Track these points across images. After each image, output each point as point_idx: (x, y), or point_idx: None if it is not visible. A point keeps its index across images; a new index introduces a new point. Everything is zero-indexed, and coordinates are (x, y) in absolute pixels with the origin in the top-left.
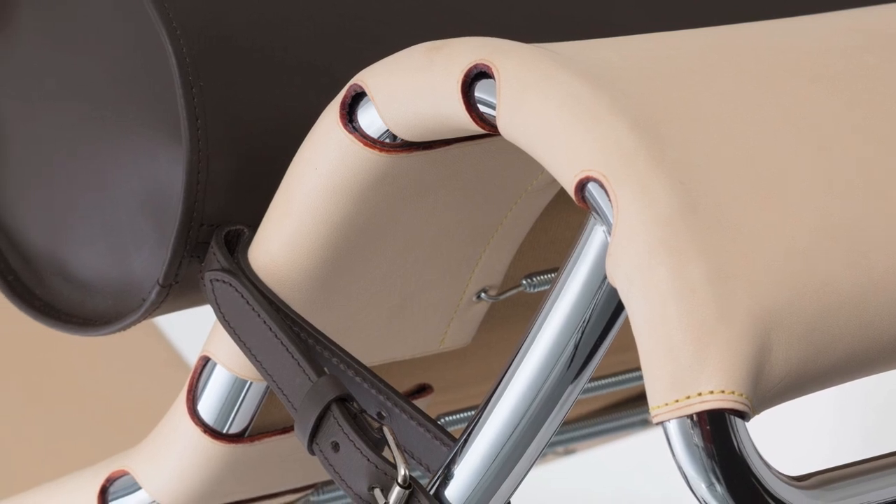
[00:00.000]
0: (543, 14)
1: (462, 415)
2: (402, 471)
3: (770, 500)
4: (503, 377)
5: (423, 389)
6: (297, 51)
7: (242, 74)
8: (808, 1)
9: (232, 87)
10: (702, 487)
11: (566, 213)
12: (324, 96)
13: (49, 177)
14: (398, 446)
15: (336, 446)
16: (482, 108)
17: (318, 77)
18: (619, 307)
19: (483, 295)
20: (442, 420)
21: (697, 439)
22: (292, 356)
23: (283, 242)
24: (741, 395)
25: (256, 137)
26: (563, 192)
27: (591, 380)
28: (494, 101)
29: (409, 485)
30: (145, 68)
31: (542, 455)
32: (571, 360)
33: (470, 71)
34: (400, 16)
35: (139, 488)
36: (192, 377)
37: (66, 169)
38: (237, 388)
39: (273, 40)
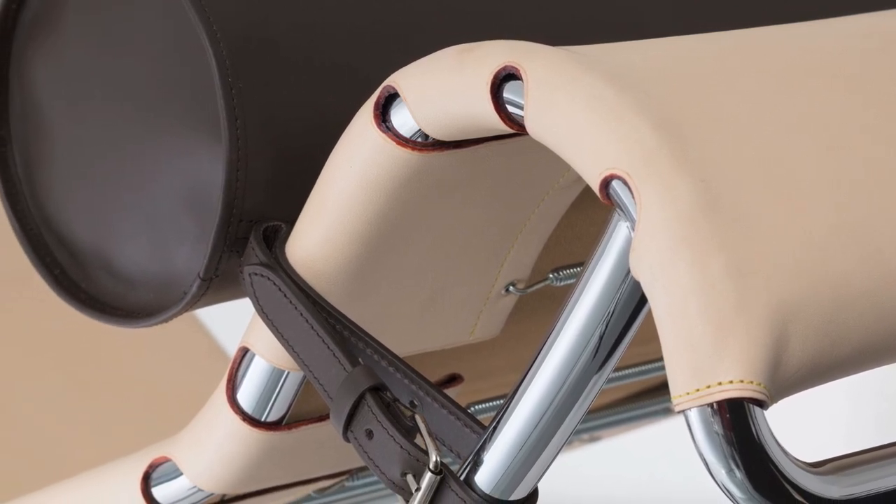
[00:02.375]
0: (566, 17)
1: (491, 403)
2: (433, 457)
3: (787, 486)
4: (531, 367)
5: (453, 379)
6: (333, 53)
7: (280, 76)
8: (825, 4)
9: (270, 89)
10: (722, 473)
11: (591, 210)
12: (358, 97)
13: (94, 175)
14: (430, 434)
15: (370, 434)
16: (510, 108)
17: (352, 78)
18: (643, 300)
19: (511, 288)
20: (472, 408)
21: (717, 427)
22: (328, 347)
23: (318, 237)
24: (759, 384)
25: (293, 137)
26: (588, 189)
27: (615, 370)
28: (522, 102)
29: (441, 471)
30: (186, 70)
31: (567, 442)
32: (596, 351)
33: (499, 73)
34: (431, 19)
35: (180, 474)
36: (232, 367)
37: (110, 168)
38: (275, 377)
39: (309, 43)
